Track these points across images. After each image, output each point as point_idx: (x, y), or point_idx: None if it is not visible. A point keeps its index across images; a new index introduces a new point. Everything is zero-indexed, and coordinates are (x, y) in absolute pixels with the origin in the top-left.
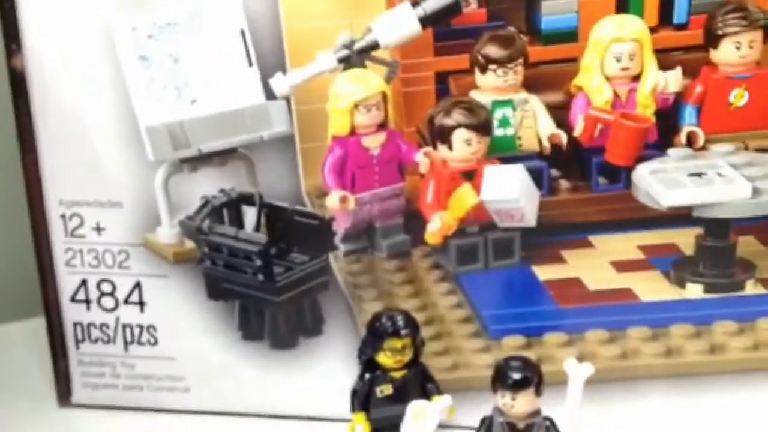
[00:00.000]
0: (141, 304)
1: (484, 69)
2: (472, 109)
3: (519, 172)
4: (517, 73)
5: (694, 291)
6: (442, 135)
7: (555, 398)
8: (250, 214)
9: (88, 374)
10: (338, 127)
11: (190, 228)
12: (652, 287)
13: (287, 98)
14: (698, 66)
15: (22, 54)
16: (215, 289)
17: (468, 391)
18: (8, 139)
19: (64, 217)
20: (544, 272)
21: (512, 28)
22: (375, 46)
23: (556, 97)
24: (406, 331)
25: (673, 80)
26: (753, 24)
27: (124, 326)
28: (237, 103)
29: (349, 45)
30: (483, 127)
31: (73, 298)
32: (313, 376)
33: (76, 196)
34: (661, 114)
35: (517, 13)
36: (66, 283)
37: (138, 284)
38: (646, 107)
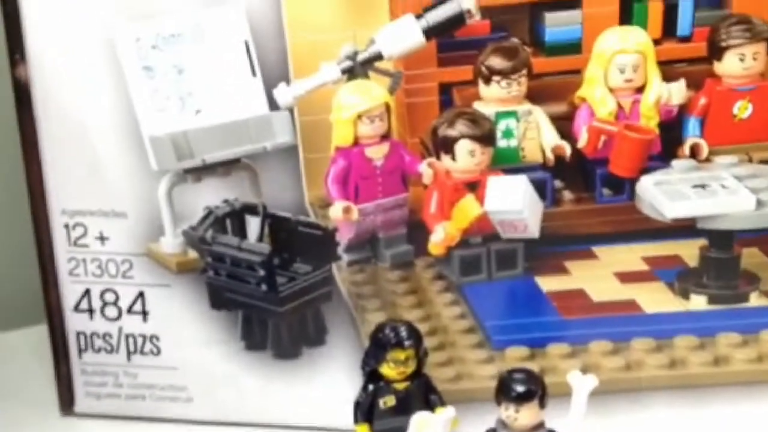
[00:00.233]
0: (144, 313)
1: (487, 80)
2: (476, 120)
3: (522, 183)
4: (520, 85)
5: (698, 302)
6: (446, 146)
7: (559, 410)
8: (254, 225)
9: (91, 383)
10: (341, 138)
11: (194, 238)
12: (656, 299)
13: (291, 109)
14: (702, 78)
15: (26, 64)
16: (218, 299)
17: (471, 402)
18: (12, 149)
19: (67, 226)
20: (548, 283)
21: (516, 40)
22: (378, 57)
23: (560, 108)
24: (409, 343)
25: (677, 92)
26: (757, 36)
27: (127, 336)
28: (241, 114)
29: (353, 56)
30: (486, 138)
31: (77, 308)
32: (316, 386)
33: (80, 206)
34: (664, 126)
35: (520, 24)
36: (69, 292)
37: (141, 294)
38: (650, 119)
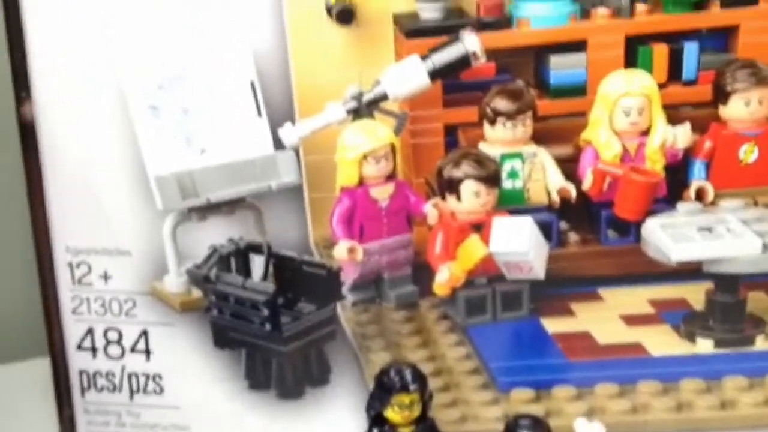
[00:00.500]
0: (147, 352)
1: (492, 122)
2: (481, 161)
3: (528, 224)
4: (525, 126)
5: (705, 346)
6: (451, 186)
7: None
8: (258, 264)
9: (94, 423)
10: (347, 178)
11: (198, 277)
12: (663, 341)
13: (296, 149)
14: (707, 122)
15: (32, 102)
16: (222, 338)
17: None
18: (17, 186)
19: (71, 264)
20: (553, 325)
21: (521, 82)
22: (384, 98)
23: (565, 150)
24: (414, 386)
25: (682, 136)
26: (762, 81)
27: (130, 375)
28: (246, 153)
29: (358, 97)
30: (492, 179)
31: (80, 346)
32: (320, 426)
33: (84, 244)
34: (670, 168)
35: (525, 67)
36: (72, 330)
37: (144, 332)
38: (655, 162)
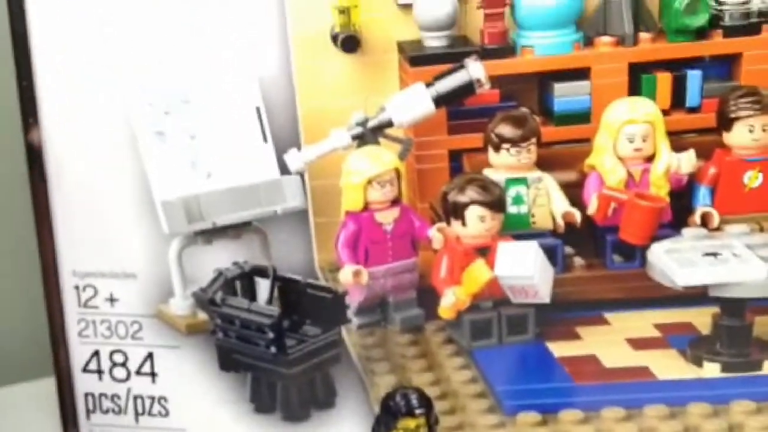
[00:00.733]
0: (153, 375)
1: (497, 148)
2: (486, 186)
3: (533, 249)
4: (530, 152)
5: (712, 370)
6: (456, 211)
7: None
8: (263, 287)
9: None
10: (352, 203)
11: (203, 300)
12: (669, 365)
13: (301, 174)
14: (712, 148)
15: (39, 128)
16: (227, 361)
17: None
18: (24, 210)
19: (77, 287)
20: (559, 349)
21: (525, 109)
22: (389, 124)
23: (570, 176)
24: (420, 411)
25: (686, 162)
26: (766, 108)
27: (136, 397)
28: (252, 178)
29: (363, 123)
30: (496, 204)
31: (85, 369)
32: None
33: (90, 268)
34: (675, 194)
35: (529, 94)
36: (78, 353)
37: (150, 355)
38: (660, 188)
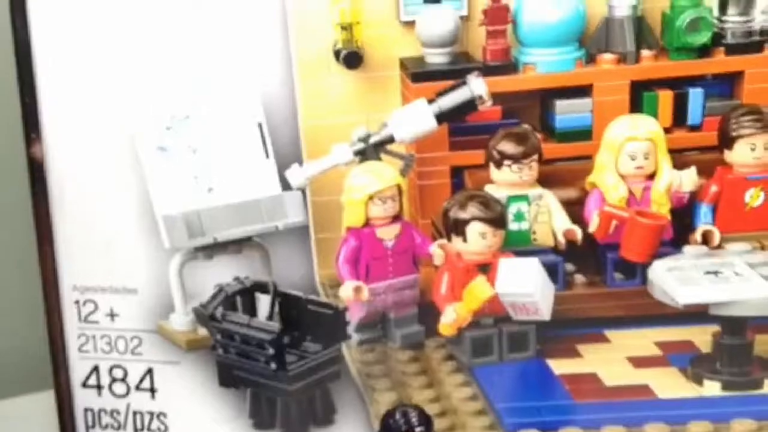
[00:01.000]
0: (152, 390)
1: (499, 164)
2: (487, 202)
3: (534, 265)
4: (531, 169)
5: (712, 388)
6: (457, 228)
7: None
8: (264, 303)
9: None
10: (353, 219)
11: (204, 315)
12: (670, 384)
13: (303, 189)
14: (713, 166)
15: (41, 143)
16: (227, 377)
17: None
18: (26, 224)
19: (78, 302)
20: (560, 366)
21: (526, 126)
22: (391, 140)
23: (571, 193)
24: (420, 429)
25: (688, 180)
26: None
27: (135, 413)
28: (253, 194)
29: (365, 139)
30: (498, 221)
31: (85, 384)
32: None
33: (91, 282)
34: (676, 212)
35: (531, 111)
36: (78, 368)
37: (150, 371)
38: (661, 205)
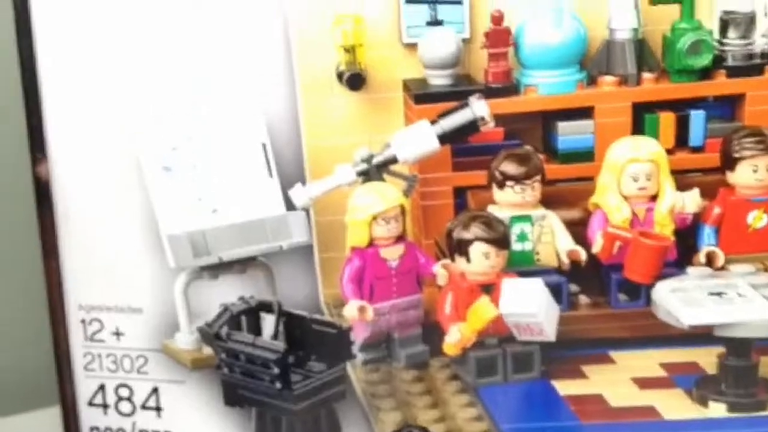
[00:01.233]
0: (158, 409)
1: (501, 185)
2: (490, 223)
3: (538, 286)
4: (534, 190)
5: (718, 410)
6: (460, 248)
7: None
8: (269, 322)
9: None
10: (357, 239)
11: (209, 334)
12: (675, 405)
13: (306, 209)
14: (716, 187)
15: (47, 162)
16: (232, 396)
17: None
18: (32, 243)
19: (84, 321)
20: (565, 387)
21: (529, 147)
22: (393, 160)
23: (574, 214)
24: None
25: (691, 201)
26: None
27: None
28: (257, 213)
29: (368, 159)
30: (501, 241)
31: (91, 402)
32: None
33: (96, 301)
34: (680, 233)
35: (533, 132)
36: (84, 386)
37: (155, 389)
38: (664, 227)
